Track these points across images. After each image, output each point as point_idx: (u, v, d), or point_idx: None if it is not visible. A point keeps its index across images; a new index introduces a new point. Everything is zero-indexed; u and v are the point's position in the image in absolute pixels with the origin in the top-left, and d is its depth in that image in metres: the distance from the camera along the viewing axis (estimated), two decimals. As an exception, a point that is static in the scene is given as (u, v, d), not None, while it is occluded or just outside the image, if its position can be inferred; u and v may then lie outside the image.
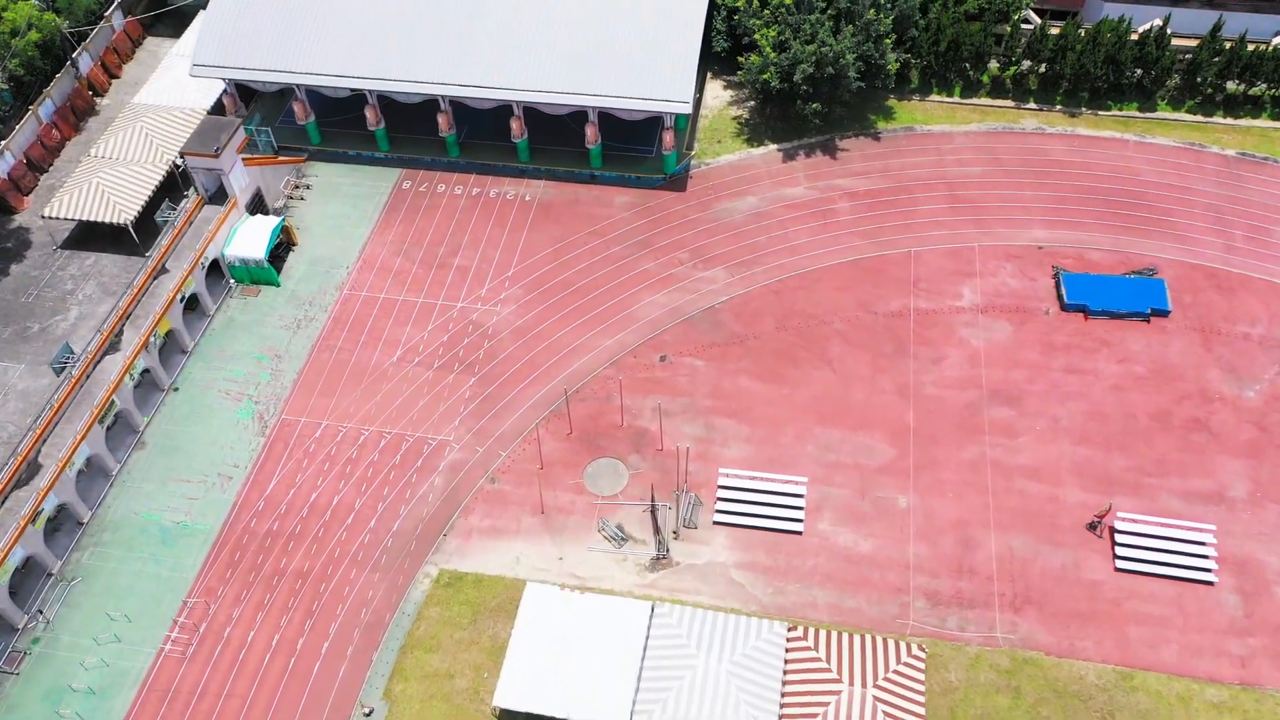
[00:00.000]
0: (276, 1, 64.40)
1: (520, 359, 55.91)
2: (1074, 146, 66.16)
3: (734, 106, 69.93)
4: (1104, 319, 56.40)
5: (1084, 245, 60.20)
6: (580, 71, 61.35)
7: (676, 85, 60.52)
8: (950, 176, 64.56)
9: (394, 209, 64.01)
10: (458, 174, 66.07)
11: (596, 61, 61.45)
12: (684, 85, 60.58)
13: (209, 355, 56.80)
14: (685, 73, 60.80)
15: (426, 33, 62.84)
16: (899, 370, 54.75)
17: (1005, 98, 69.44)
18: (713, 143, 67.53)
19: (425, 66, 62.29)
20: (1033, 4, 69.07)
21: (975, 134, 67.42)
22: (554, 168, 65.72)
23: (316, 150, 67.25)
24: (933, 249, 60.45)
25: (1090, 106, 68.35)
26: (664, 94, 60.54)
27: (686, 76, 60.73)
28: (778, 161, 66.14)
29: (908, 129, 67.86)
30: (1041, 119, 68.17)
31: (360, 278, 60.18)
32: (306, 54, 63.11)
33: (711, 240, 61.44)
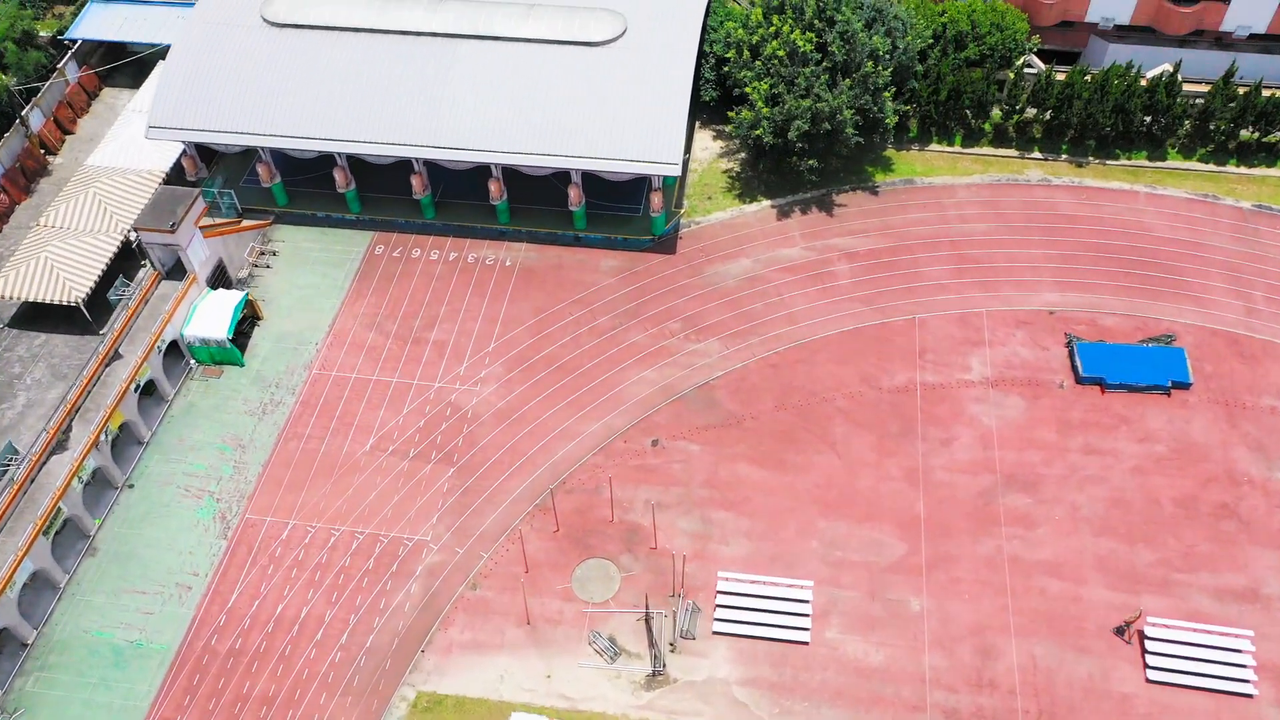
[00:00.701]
0: (237, 59, 60.57)
1: (502, 445, 52.23)
2: (1082, 199, 63.01)
3: (724, 159, 66.45)
4: (1122, 392, 53.21)
5: (1097, 309, 57.00)
6: (562, 132, 57.71)
7: (664, 146, 56.95)
8: (954, 234, 61.27)
9: (366, 277, 60.23)
10: (434, 237, 62.33)
11: (579, 121, 57.81)
12: (672, 146, 57.03)
13: (167, 446, 52.87)
14: (673, 132, 57.24)
15: (398, 92, 59.06)
16: (907, 453, 51.38)
17: (1008, 146, 66.22)
18: (703, 199, 64.05)
19: (397, 127, 58.51)
20: (1036, 48, 65.89)
21: (978, 186, 64.17)
22: (535, 229, 62.07)
23: (283, 212, 63.38)
24: (938, 315, 57.12)
25: (1097, 155, 65.21)
26: (651, 155, 56.95)
27: (675, 136, 57.17)
28: (772, 219, 62.71)
29: (907, 182, 64.57)
30: (1047, 169, 64.99)
31: (330, 355, 56.37)
32: (270, 114, 59.24)
33: (704, 308, 57.94)
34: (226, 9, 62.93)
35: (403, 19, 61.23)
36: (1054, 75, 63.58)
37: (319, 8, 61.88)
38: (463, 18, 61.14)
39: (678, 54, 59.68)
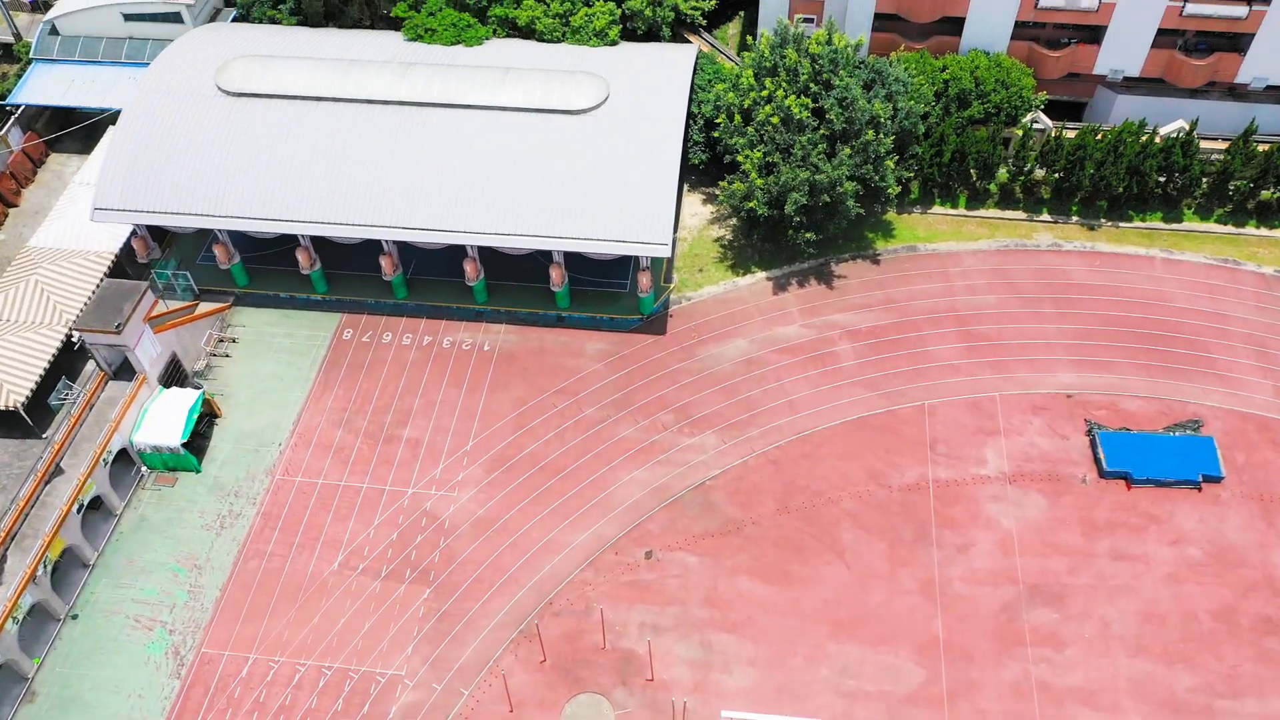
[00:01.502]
0: (190, 132, 56.10)
1: (482, 561, 48.04)
2: (1095, 266, 59.40)
3: (715, 226, 62.50)
4: (1149, 487, 49.57)
5: (1117, 391, 53.35)
6: (542, 209, 53.56)
7: (653, 225, 52.91)
8: (961, 308, 57.54)
9: (334, 365, 55.91)
10: (406, 318, 58.05)
11: (560, 197, 53.70)
12: (661, 225, 52.99)
13: (115, 568, 48.39)
14: (662, 210, 53.21)
15: (365, 167, 54.74)
16: (921, 562, 47.51)
17: (1015, 208, 62.57)
18: (694, 272, 60.06)
19: (364, 206, 54.24)
20: (1043, 104, 62.26)
21: (985, 253, 60.47)
22: (515, 309, 57.88)
23: (244, 293, 59.01)
24: (949, 401, 53.33)
25: (1110, 217, 61.63)
26: (639, 234, 52.93)
27: (664, 215, 53.13)
28: (767, 293, 58.79)
29: (910, 249, 60.80)
30: (1056, 233, 61.37)
31: (295, 457, 52.03)
32: (227, 193, 54.82)
33: (698, 396, 53.96)
34: (178, 77, 58.56)
35: (369, 86, 57.01)
36: (1064, 135, 59.91)
37: (278, 75, 57.59)
38: (433, 84, 56.98)
39: (664, 123, 55.66)
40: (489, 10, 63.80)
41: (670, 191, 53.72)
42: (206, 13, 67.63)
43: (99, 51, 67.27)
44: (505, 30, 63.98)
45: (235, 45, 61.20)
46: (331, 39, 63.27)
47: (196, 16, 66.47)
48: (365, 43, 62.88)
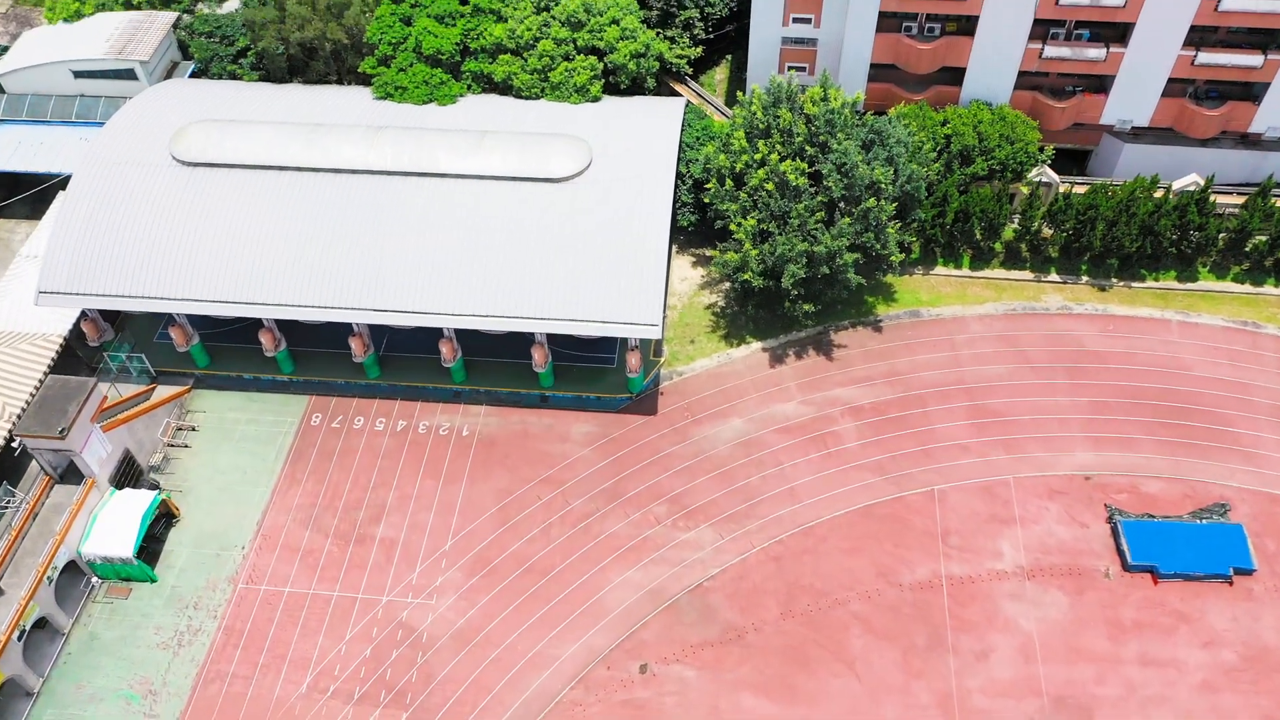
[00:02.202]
0: (142, 206, 52.13)
1: (463, 679, 44.34)
2: (1108, 331, 56.24)
3: (706, 291, 59.05)
4: (1177, 581, 46.42)
5: (1138, 472, 50.18)
6: (522, 288, 49.91)
7: (642, 304, 49.41)
8: (969, 379, 54.28)
9: (301, 455, 52.10)
10: (379, 400, 54.34)
11: (542, 274, 50.09)
12: (650, 304, 49.49)
13: (61, 696, 44.38)
14: (651, 287, 49.69)
15: (332, 242, 50.97)
16: (937, 671, 44.14)
17: (1022, 267, 59.41)
18: (685, 343, 56.59)
19: (332, 286, 50.43)
20: (1050, 159, 59.11)
21: (992, 318, 57.25)
22: (496, 389, 54.26)
23: (205, 374, 55.15)
24: (960, 486, 50.04)
25: (1121, 276, 58.55)
26: (627, 314, 49.41)
27: (653, 293, 49.62)
28: (764, 365, 55.39)
29: (913, 313, 57.54)
30: (1066, 295, 58.24)
31: (259, 562, 48.20)
32: (184, 274, 50.95)
33: (692, 484, 50.46)
34: (129, 144, 54.64)
35: (336, 154, 53.22)
36: (1073, 194, 56.67)
37: (237, 142, 53.76)
38: (404, 151, 53.25)
39: (652, 192, 52.12)
40: (463, 65, 60.19)
41: (659, 268, 50.20)
42: (162, 68, 63.66)
43: (48, 111, 63.12)
44: (480, 86, 60.40)
45: (192, 107, 57.38)
46: (296, 96, 59.58)
47: (151, 73, 62.49)
48: (332, 100, 59.23)
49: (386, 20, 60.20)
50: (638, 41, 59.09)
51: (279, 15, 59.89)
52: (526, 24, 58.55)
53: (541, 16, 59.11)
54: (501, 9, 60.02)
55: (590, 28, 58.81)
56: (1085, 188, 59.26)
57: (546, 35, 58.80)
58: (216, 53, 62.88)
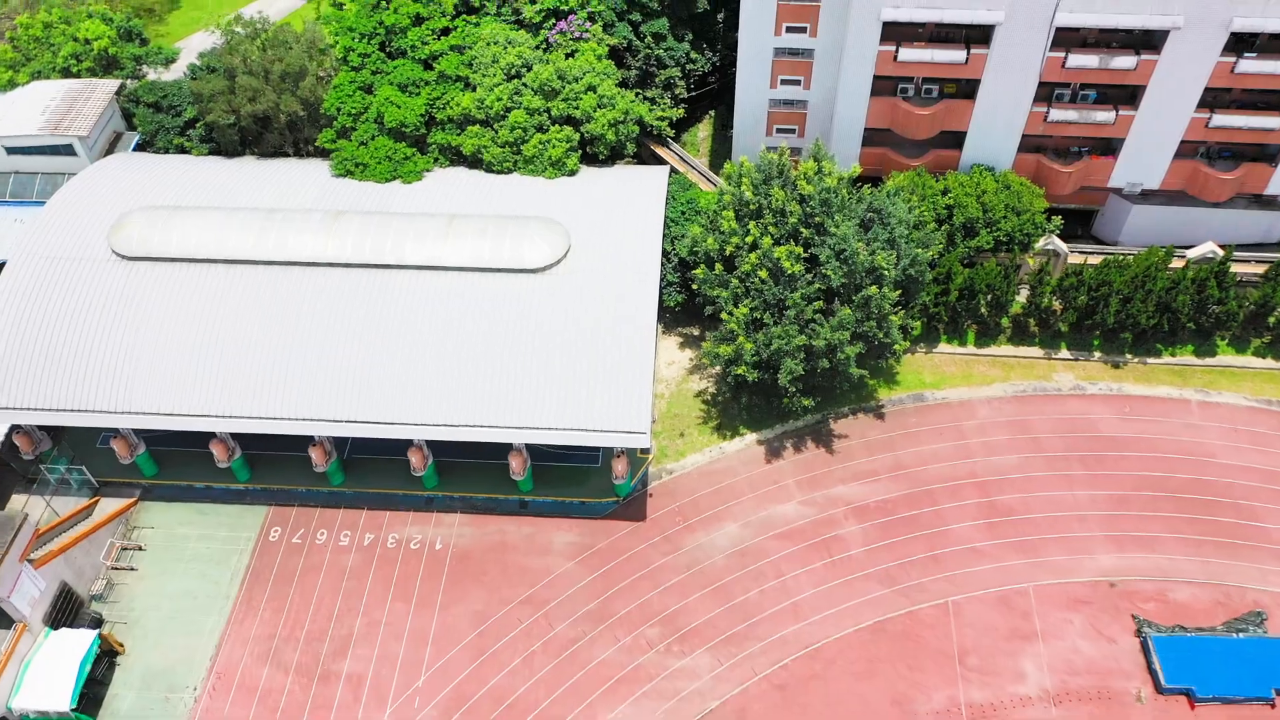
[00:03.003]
0: (79, 307, 47.56)
1: (441, 841, 40.28)
2: (1124, 413, 52.72)
3: (696, 376, 55.12)
4: (1215, 705, 42.87)
5: (1165, 576, 46.64)
6: (499, 396, 45.76)
7: (628, 411, 45.36)
8: (980, 471, 50.65)
9: (259, 577, 47.67)
10: (344, 510, 49.99)
11: (519, 381, 45.92)
12: (638, 409, 45.43)
13: None
14: (638, 392, 45.61)
15: (289, 346, 46.63)
16: (961, 818, 40.50)
17: (1030, 343, 55.85)
18: (674, 437, 52.61)
19: (291, 398, 46.03)
20: (1058, 229, 55.58)
21: (1001, 401, 53.63)
22: (471, 495, 50.14)
23: (152, 484, 50.64)
24: (975, 597, 46.29)
25: (1136, 352, 55.09)
26: (612, 422, 45.34)
27: (640, 397, 45.54)
28: (759, 460, 51.50)
29: (916, 397, 53.84)
30: (1078, 373, 54.73)
31: (213, 706, 43.67)
32: (125, 386, 46.43)
33: (686, 601, 46.45)
34: (65, 237, 50.14)
35: (292, 245, 48.92)
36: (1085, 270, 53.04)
37: (182, 233, 49.30)
38: (365, 240, 49.03)
39: (636, 282, 48.20)
40: (429, 137, 56.01)
41: (646, 371, 46.15)
42: (104, 140, 58.95)
43: (-21, 189, 58.58)
44: (448, 159, 56.22)
45: (135, 189, 52.95)
46: (248, 173, 55.22)
47: (91, 147, 57.82)
48: (288, 177, 54.92)
49: (345, 89, 55.93)
50: (616, 109, 55.08)
51: (228, 86, 55.45)
52: (496, 93, 54.41)
53: (513, 84, 54.97)
54: (470, 76, 55.84)
55: (565, 96, 54.77)
56: (1095, 257, 55.92)
57: (518, 105, 54.67)
58: (162, 124, 58.38)
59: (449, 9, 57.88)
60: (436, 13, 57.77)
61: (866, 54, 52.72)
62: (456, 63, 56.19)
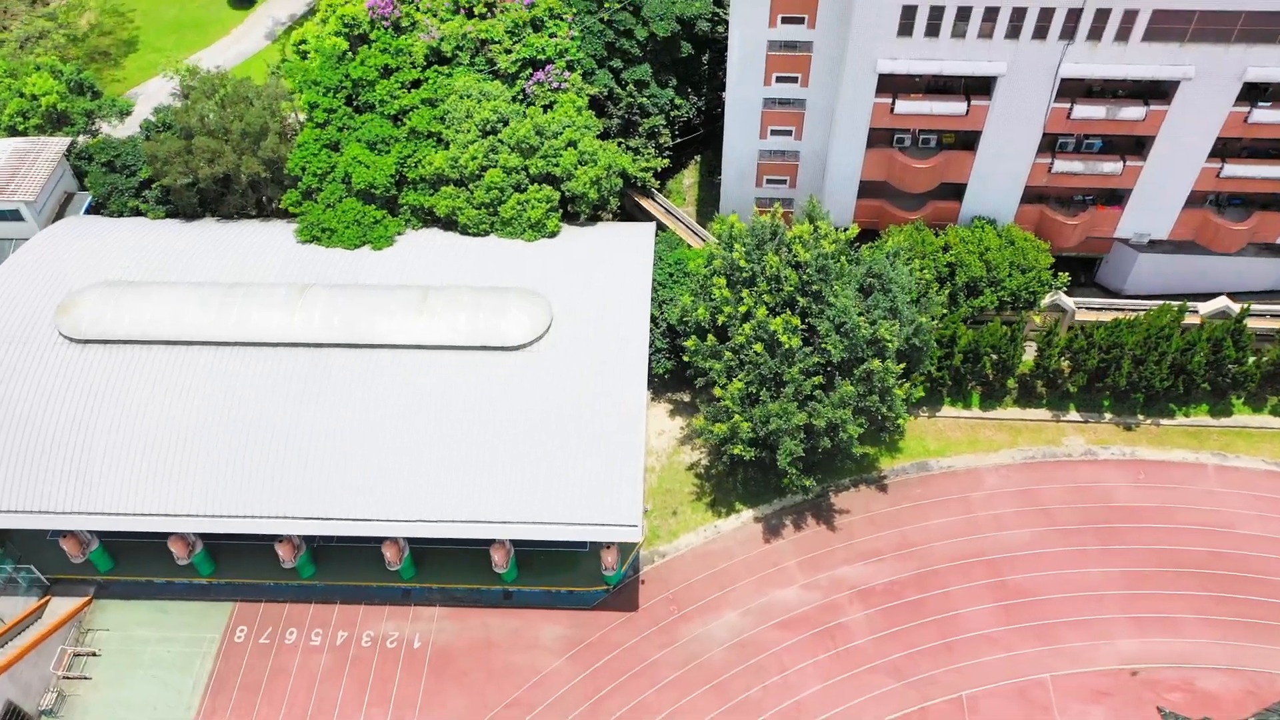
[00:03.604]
0: (22, 404, 44.00)
1: None
2: (1139, 480, 50.17)
3: (687, 447, 52.15)
4: (1249, 808, 40.44)
5: (1190, 663, 44.02)
6: (478, 489, 42.56)
7: (618, 501, 42.30)
8: (990, 548, 47.92)
9: (224, 684, 44.25)
10: (315, 605, 46.64)
11: (500, 473, 42.74)
12: (628, 498, 42.30)
13: None
14: (628, 481, 42.57)
15: (254, 444, 43.27)
16: None
17: (1038, 405, 53.20)
18: (667, 515, 49.62)
19: (255, 493, 42.68)
20: (1065, 285, 53.02)
21: (1009, 469, 50.94)
22: (451, 586, 46.94)
23: (109, 580, 47.18)
24: (990, 689, 43.53)
25: (1148, 412, 52.54)
26: (600, 514, 42.21)
27: (630, 485, 42.50)
28: (757, 540, 48.57)
29: (920, 466, 51.10)
30: (1089, 436, 52.12)
31: (174, 833, 40.58)
32: (75, 482, 42.96)
33: (683, 700, 43.38)
34: (10, 318, 46.74)
35: (255, 323, 45.64)
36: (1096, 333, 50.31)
37: (136, 312, 45.92)
38: (333, 316, 45.81)
39: (623, 358, 45.32)
40: (400, 198, 52.88)
41: (637, 456, 43.13)
42: (54, 202, 55.30)
43: (-79, 258, 54.93)
44: (420, 221, 53.08)
45: (86, 258, 49.69)
46: (209, 239, 51.87)
47: (40, 211, 54.19)
48: (250, 242, 51.66)
49: (310, 148, 52.68)
50: (598, 165, 52.09)
51: (184, 146, 52.11)
52: (471, 151, 51.27)
53: (488, 141, 51.87)
54: (443, 131, 52.71)
55: (544, 153, 51.72)
56: (1103, 312, 53.38)
57: (494, 163, 51.57)
58: (116, 185, 54.87)
59: (419, 59, 54.73)
60: (406, 64, 54.60)
61: (861, 106, 49.98)
62: (428, 118, 53.09)
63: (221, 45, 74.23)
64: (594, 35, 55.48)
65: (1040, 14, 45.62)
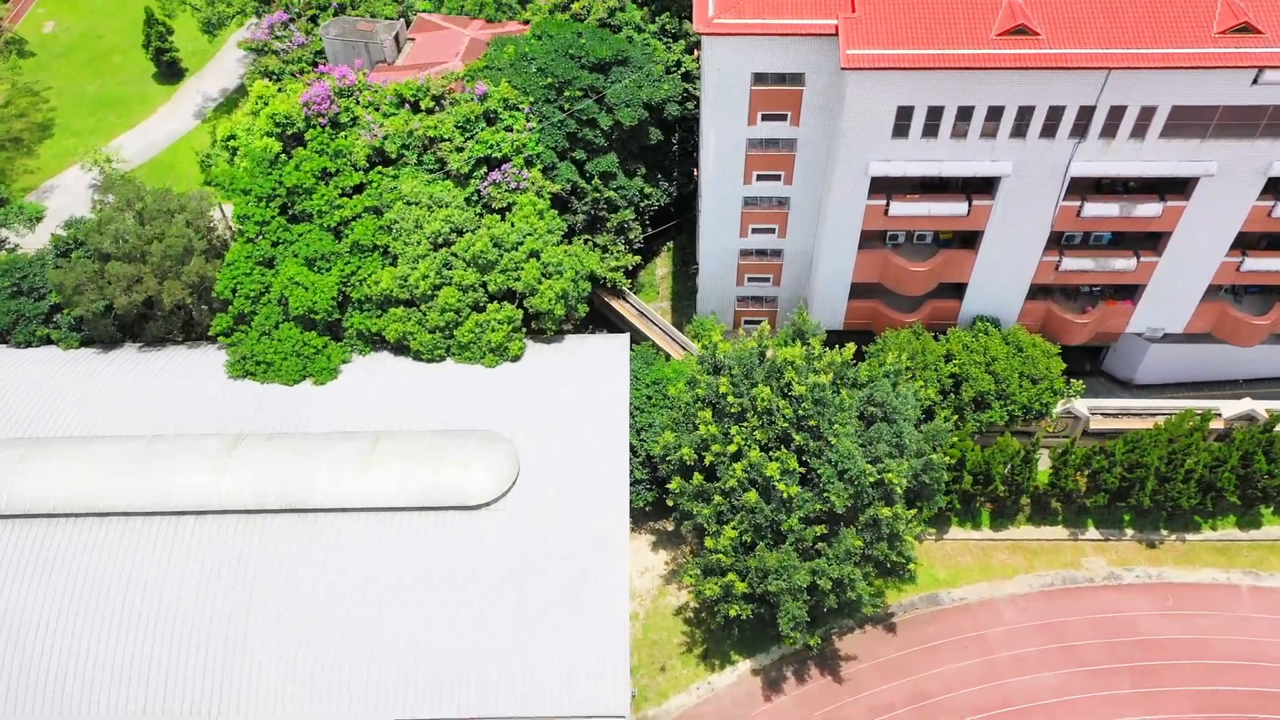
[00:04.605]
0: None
1: None
2: (1167, 606, 45.97)
3: (673, 587, 47.07)
4: None
5: (1241, 829, 40.00)
6: (437, 676, 37.19)
7: (601, 684, 37.12)
8: (1012, 696, 43.38)
9: None
10: (260, 801, 41.34)
11: (461, 653, 37.42)
12: (612, 678, 37.17)
13: None
14: (612, 657, 37.48)
15: (178, 637, 37.46)
16: None
17: (1053, 521, 48.85)
18: (654, 672, 44.52)
19: (177, 699, 37.11)
20: (1079, 393, 48.72)
21: (1027, 599, 46.49)
22: (415, 773, 41.75)
23: (21, 781, 41.48)
24: None
25: (1172, 526, 48.41)
26: (580, 702, 37.02)
27: (615, 664, 37.42)
28: (756, 697, 43.61)
29: (931, 599, 46.50)
30: (1110, 556, 47.83)
31: None
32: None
33: None
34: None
35: (179, 487, 39.89)
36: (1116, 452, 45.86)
37: (38, 478, 39.89)
38: (269, 475, 40.17)
39: (602, 508, 40.34)
40: (344, 320, 47.45)
41: (620, 625, 38.14)
42: (-47, 332, 49.58)
43: None
44: (368, 346, 47.71)
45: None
46: (128, 374, 46.11)
47: (-64, 344, 48.44)
48: (176, 377, 46.01)
49: (241, 267, 47.01)
50: (564, 278, 47.03)
51: (97, 270, 46.36)
52: (422, 269, 45.93)
53: (441, 255, 46.51)
54: (390, 244, 47.38)
55: (503, 267, 46.53)
56: (1120, 419, 49.21)
57: (448, 280, 46.32)
58: (22, 312, 48.85)
59: (361, 161, 49.23)
60: (346, 166, 49.15)
61: (852, 209, 45.33)
62: (373, 229, 47.68)
63: (147, 126, 68.18)
64: (554, 126, 50.40)
65: (1049, 112, 41.21)
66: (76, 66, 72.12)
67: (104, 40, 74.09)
